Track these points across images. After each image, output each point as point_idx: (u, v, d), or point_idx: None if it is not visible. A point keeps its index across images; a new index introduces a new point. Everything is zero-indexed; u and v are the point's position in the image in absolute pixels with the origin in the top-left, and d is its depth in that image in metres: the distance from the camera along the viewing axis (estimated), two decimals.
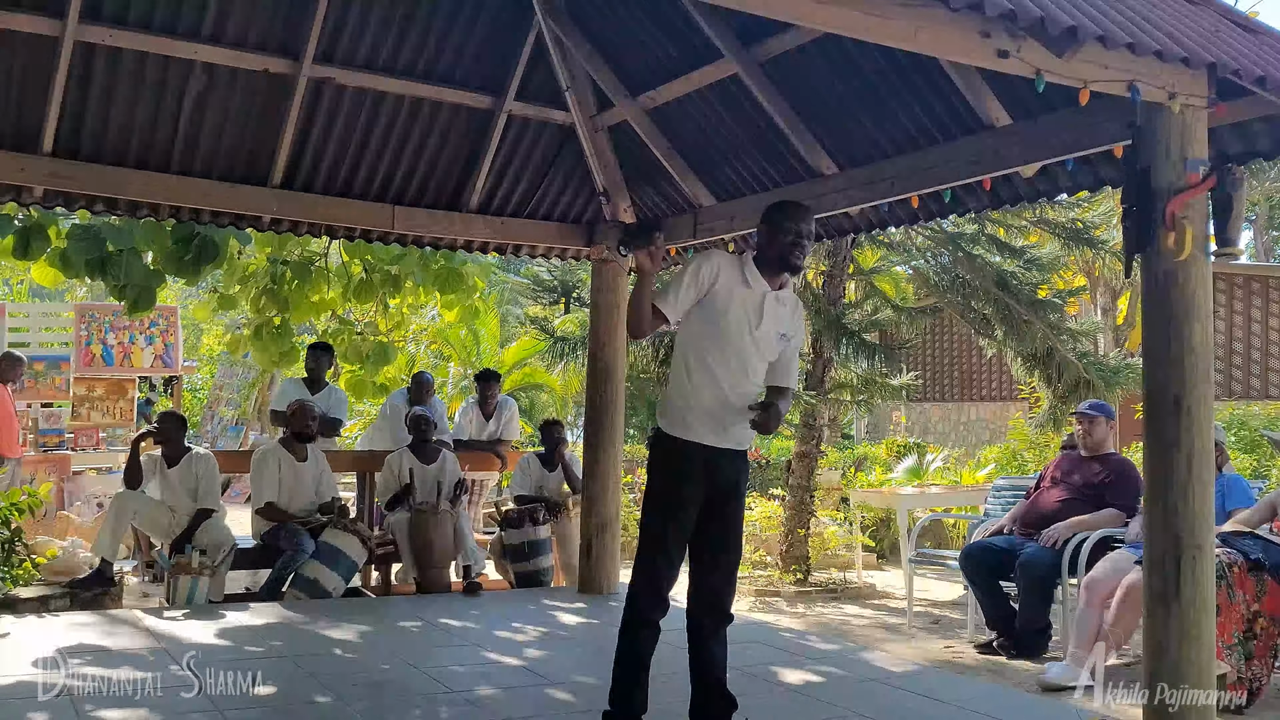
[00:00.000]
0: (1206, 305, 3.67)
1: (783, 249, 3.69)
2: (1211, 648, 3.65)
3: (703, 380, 3.66)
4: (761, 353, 3.72)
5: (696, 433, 3.67)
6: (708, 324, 3.66)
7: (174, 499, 6.53)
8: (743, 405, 3.66)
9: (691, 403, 3.67)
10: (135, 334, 11.03)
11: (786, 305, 3.80)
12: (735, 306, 3.65)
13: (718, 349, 3.65)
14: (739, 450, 3.76)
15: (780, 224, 3.71)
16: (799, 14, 3.46)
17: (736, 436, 3.72)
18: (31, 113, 5.40)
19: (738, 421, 3.68)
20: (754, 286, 3.70)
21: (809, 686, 4.69)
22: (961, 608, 7.28)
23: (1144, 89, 3.56)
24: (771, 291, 3.72)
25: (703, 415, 3.65)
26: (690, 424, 3.67)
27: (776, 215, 3.76)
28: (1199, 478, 3.61)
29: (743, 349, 3.66)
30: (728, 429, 3.68)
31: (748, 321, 3.66)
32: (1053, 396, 8.59)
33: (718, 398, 3.65)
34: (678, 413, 3.70)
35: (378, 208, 6.32)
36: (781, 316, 3.76)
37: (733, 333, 3.64)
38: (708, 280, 3.65)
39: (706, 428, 3.66)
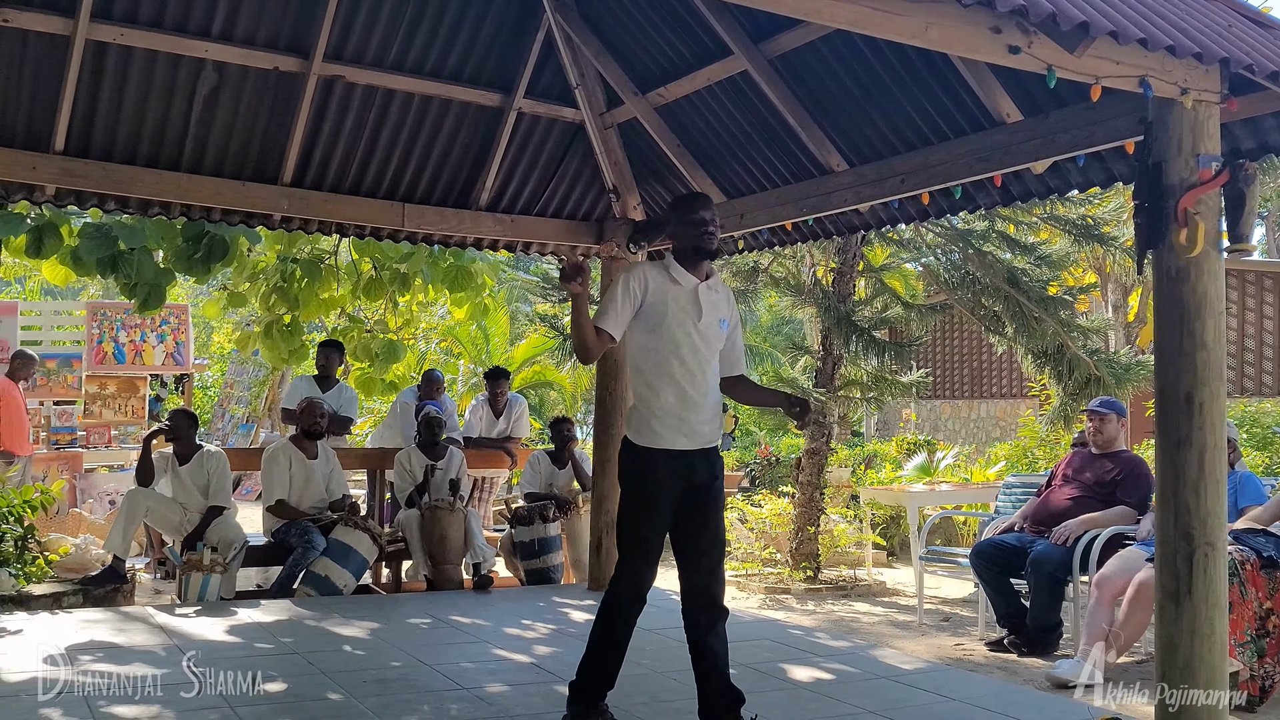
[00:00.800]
0: (1219, 302, 3.66)
1: (696, 239, 3.79)
2: (1223, 645, 3.64)
3: (664, 385, 3.74)
4: (710, 344, 3.81)
5: (667, 439, 3.74)
6: (653, 331, 3.74)
7: (185, 496, 6.56)
8: (705, 402, 3.77)
9: (657, 410, 3.74)
10: (146, 332, 11.07)
11: (719, 292, 3.89)
12: (672, 307, 3.74)
13: (669, 352, 3.74)
14: (711, 448, 3.82)
15: (688, 217, 3.82)
16: (809, 10, 3.45)
17: (706, 435, 3.79)
18: (43, 111, 5.42)
19: (704, 420, 3.77)
20: (683, 283, 3.79)
21: (819, 684, 4.69)
22: (972, 605, 7.27)
23: (1156, 84, 3.54)
24: (701, 283, 3.81)
25: (670, 421, 3.73)
26: (659, 431, 3.74)
27: (683, 209, 3.88)
28: (1211, 475, 3.60)
29: (693, 346, 3.76)
30: (696, 429, 3.76)
31: (689, 317, 3.75)
32: (1063, 394, 8.56)
33: (681, 400, 3.74)
34: (645, 422, 3.77)
35: (387, 205, 6.33)
36: (717, 304, 3.85)
37: (678, 332, 3.73)
38: (639, 290, 3.74)
39: (676, 432, 3.74)
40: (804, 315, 12.35)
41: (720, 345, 3.87)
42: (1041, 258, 8.46)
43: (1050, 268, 8.51)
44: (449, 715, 4.04)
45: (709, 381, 3.81)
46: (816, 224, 5.95)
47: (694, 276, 3.81)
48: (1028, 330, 8.25)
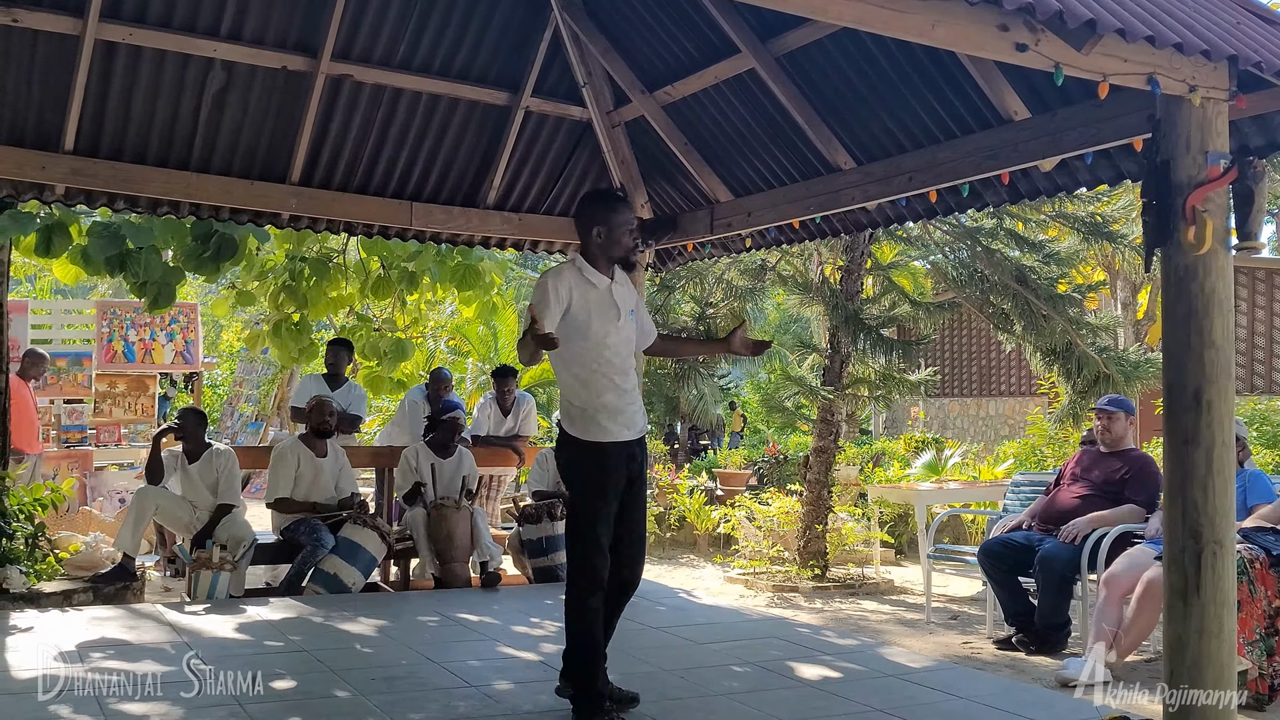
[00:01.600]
0: (1227, 299, 3.65)
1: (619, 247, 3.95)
2: (1232, 644, 3.63)
3: (599, 382, 3.93)
4: (629, 339, 4.04)
5: (611, 432, 3.94)
6: (581, 333, 3.91)
7: (195, 494, 6.58)
8: (635, 393, 4.02)
9: (597, 405, 3.93)
10: (156, 330, 11.11)
11: (625, 285, 4.09)
12: (594, 308, 3.92)
13: (600, 351, 3.92)
14: (643, 436, 4.06)
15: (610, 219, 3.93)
16: (816, 8, 3.46)
17: (640, 424, 4.03)
18: (53, 111, 5.45)
19: (638, 410, 4.03)
20: (598, 284, 3.95)
21: (826, 681, 4.69)
22: (980, 603, 7.26)
23: (1164, 82, 3.54)
24: (612, 282, 3.99)
25: (610, 414, 3.93)
26: (604, 425, 3.93)
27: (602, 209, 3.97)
28: (1219, 473, 3.59)
29: (617, 343, 3.96)
30: (633, 419, 3.99)
31: (610, 317, 3.95)
32: (1072, 392, 8.54)
33: (618, 394, 3.95)
34: (586, 418, 3.95)
35: (395, 204, 6.35)
36: (627, 298, 4.05)
37: (604, 332, 3.92)
38: (565, 293, 3.88)
39: (617, 424, 3.95)
40: (812, 313, 12.33)
41: (633, 335, 4.09)
42: (1050, 255, 8.44)
43: (1059, 265, 8.49)
44: (457, 713, 4.05)
45: (633, 375, 4.04)
46: (824, 222, 5.95)
47: (605, 276, 3.97)
48: (1036, 328, 8.24)
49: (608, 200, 4.10)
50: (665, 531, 10.60)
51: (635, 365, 4.08)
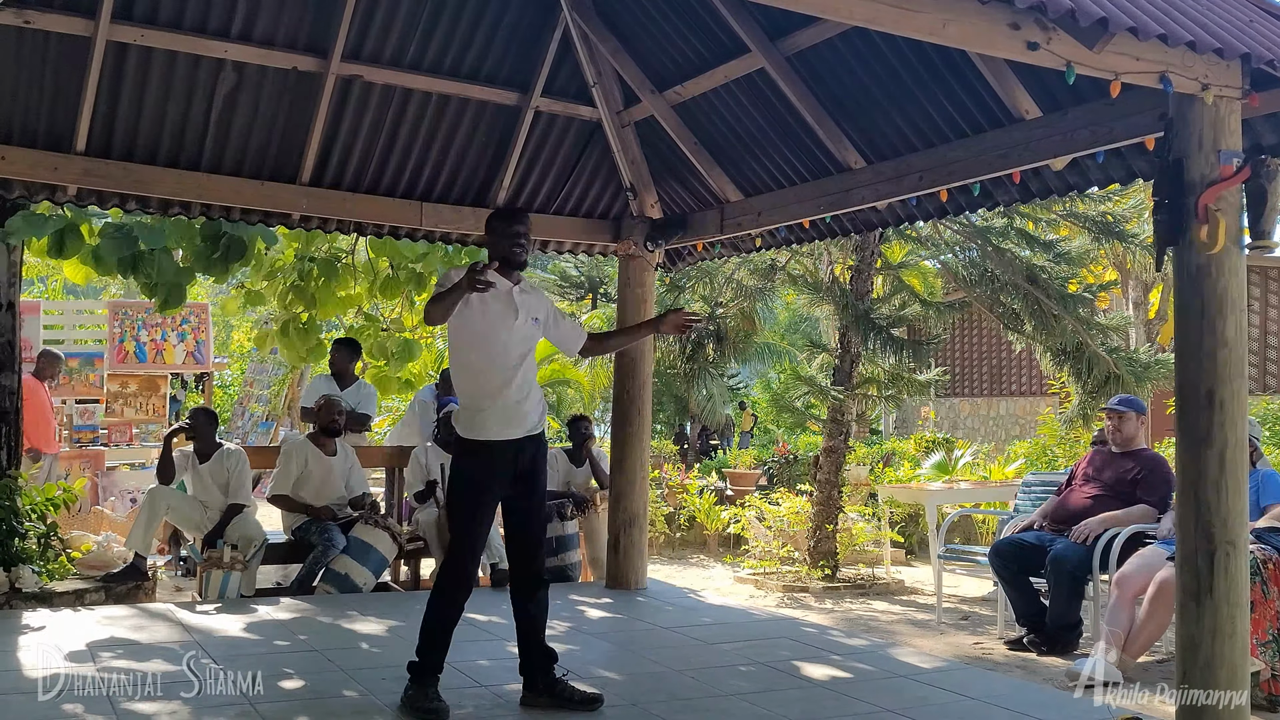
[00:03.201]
0: (1240, 298, 3.63)
1: (508, 250, 4.14)
2: (1245, 644, 3.62)
3: (487, 381, 4.07)
4: (526, 342, 4.16)
5: (495, 431, 4.06)
6: (474, 330, 4.06)
7: (206, 494, 6.60)
8: (527, 393, 4.12)
9: (484, 404, 4.07)
10: (167, 331, 11.15)
11: (531, 294, 4.26)
12: (493, 307, 4.05)
13: (489, 348, 4.07)
14: (536, 434, 4.15)
15: (506, 229, 4.16)
16: (827, 7, 3.45)
17: (529, 423, 4.12)
18: (65, 112, 5.47)
19: (525, 410, 4.11)
20: (501, 285, 4.08)
21: (836, 682, 4.68)
22: (991, 604, 7.24)
23: (1176, 80, 3.52)
24: (514, 286, 4.15)
25: (496, 413, 4.05)
26: (488, 424, 4.06)
27: (503, 222, 4.21)
28: (1232, 473, 3.57)
29: (508, 344, 4.08)
30: (521, 418, 4.09)
31: (506, 318, 4.09)
32: (1083, 392, 8.52)
33: (504, 393, 4.06)
34: (473, 417, 4.09)
35: (405, 204, 6.35)
36: (529, 305, 4.19)
37: (500, 331, 4.06)
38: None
39: (502, 424, 4.06)
40: (821, 313, 12.31)
41: (534, 341, 4.23)
42: (1061, 255, 8.42)
43: (1070, 265, 8.47)
44: (466, 712, 4.06)
45: (527, 375, 4.14)
46: (834, 221, 5.94)
47: (508, 280, 4.13)
48: (1047, 328, 8.21)
49: (506, 212, 4.37)
50: (675, 531, 10.60)
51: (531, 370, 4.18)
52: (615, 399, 6.98)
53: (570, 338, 4.47)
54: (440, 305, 3.94)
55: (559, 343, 4.50)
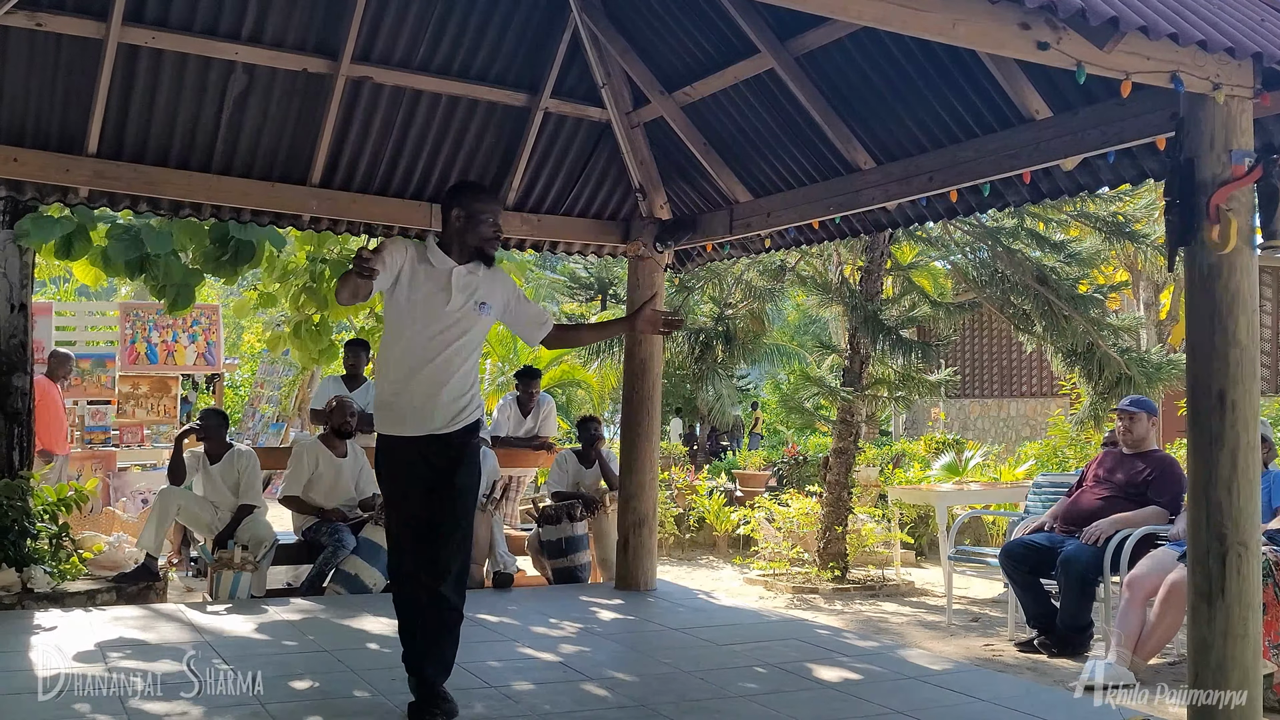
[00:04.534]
0: (1252, 299, 3.62)
1: (480, 239, 3.82)
2: (1257, 647, 3.60)
3: (399, 369, 3.76)
4: (461, 328, 3.79)
5: (411, 426, 3.77)
6: (403, 312, 3.74)
7: (216, 495, 6.62)
8: (452, 387, 3.77)
9: (403, 397, 3.77)
10: (178, 332, 11.19)
11: (478, 274, 3.85)
12: (424, 289, 3.73)
13: (408, 334, 3.74)
14: (456, 431, 3.80)
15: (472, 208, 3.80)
16: (836, 8, 3.45)
17: (452, 419, 3.78)
18: (76, 114, 5.49)
19: (450, 404, 3.77)
20: (438, 265, 3.77)
21: (846, 683, 4.67)
22: (1001, 605, 7.22)
23: (1187, 79, 3.51)
24: (457, 266, 3.80)
25: (412, 409, 3.76)
26: (405, 419, 3.78)
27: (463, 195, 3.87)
28: (1244, 474, 3.56)
29: (432, 331, 3.74)
30: (441, 413, 3.77)
31: (439, 302, 3.74)
32: (1093, 392, 8.48)
33: (427, 384, 3.74)
34: (391, 410, 3.81)
35: (415, 205, 6.36)
36: (473, 286, 3.83)
37: (427, 316, 3.71)
38: (398, 261, 3.71)
39: (419, 419, 3.76)
40: (831, 314, 12.31)
41: (472, 329, 3.85)
42: (1071, 255, 8.39)
43: (1080, 265, 8.44)
44: (476, 713, 4.06)
45: (456, 366, 3.79)
46: (844, 222, 5.93)
47: (450, 260, 3.81)
48: (1057, 329, 8.19)
49: (474, 188, 4.07)
50: (684, 532, 10.59)
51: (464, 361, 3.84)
52: (625, 400, 6.98)
53: (532, 325, 4.12)
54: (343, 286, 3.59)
55: (519, 330, 4.18)
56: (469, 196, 3.90)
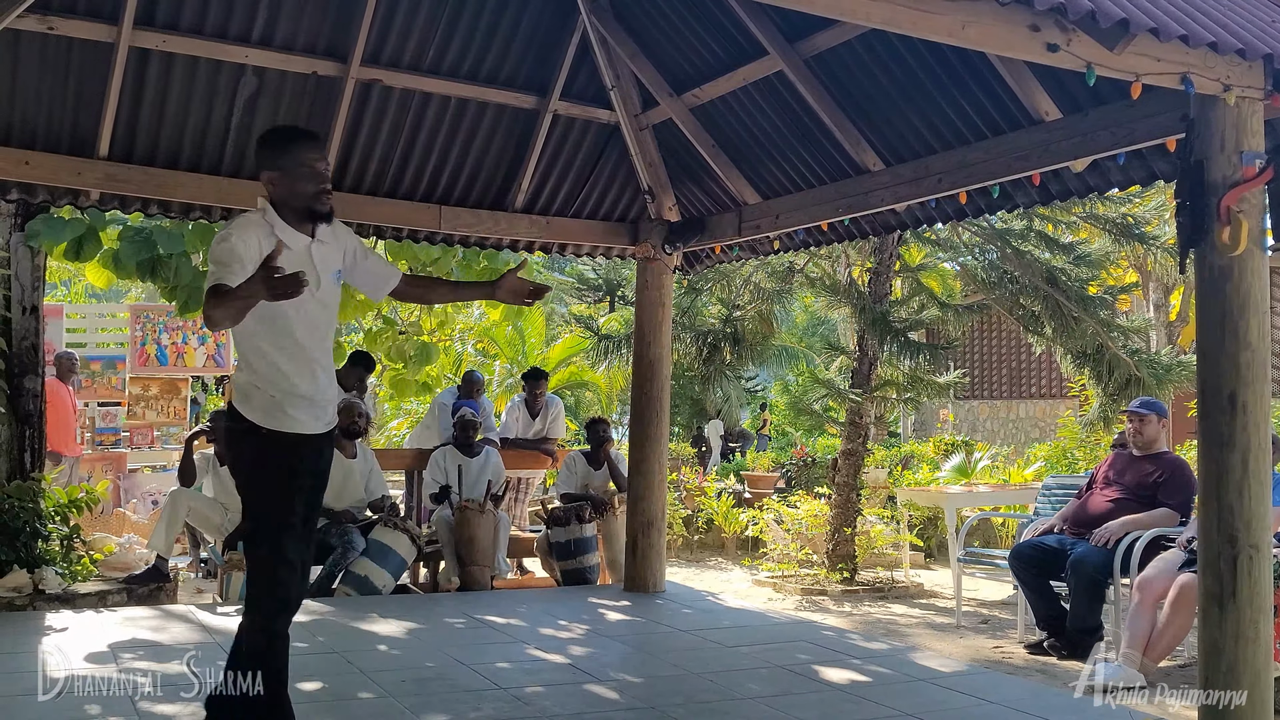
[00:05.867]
0: (1263, 300, 3.61)
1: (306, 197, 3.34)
2: (1269, 649, 3.59)
3: (292, 364, 3.35)
4: (329, 310, 3.49)
5: (299, 422, 3.36)
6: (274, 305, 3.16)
7: (226, 497, 6.63)
8: (331, 380, 3.50)
9: (286, 390, 3.34)
10: (188, 334, 11.21)
11: (328, 242, 3.44)
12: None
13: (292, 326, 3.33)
14: (330, 431, 3.52)
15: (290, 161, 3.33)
16: (845, 10, 3.45)
17: (329, 416, 3.49)
18: (88, 117, 5.51)
19: (331, 400, 3.49)
20: (294, 244, 3.29)
21: (855, 685, 4.67)
22: (1011, 607, 7.20)
23: (1198, 81, 3.50)
24: (312, 241, 3.38)
25: (300, 401, 3.36)
26: (291, 413, 3.35)
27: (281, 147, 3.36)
28: (1255, 476, 3.55)
29: (314, 316, 3.37)
30: (325, 409, 3.46)
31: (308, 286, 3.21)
32: (1103, 394, 8.46)
33: (310, 377, 3.39)
34: (271, 403, 3.33)
35: (424, 208, 6.37)
36: (329, 257, 3.44)
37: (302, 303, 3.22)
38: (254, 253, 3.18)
39: (307, 414, 3.38)
40: (839, 315, 12.30)
41: (336, 300, 3.55)
42: (1081, 257, 8.37)
43: (1090, 267, 8.42)
44: (485, 715, 4.07)
45: (330, 350, 3.52)
46: (853, 224, 5.92)
47: (303, 235, 3.35)
48: (1067, 330, 8.17)
49: (280, 138, 3.46)
50: (693, 534, 10.59)
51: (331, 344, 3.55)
52: (633, 402, 6.99)
53: (379, 278, 3.68)
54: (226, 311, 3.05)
55: (364, 287, 3.76)
56: (277, 149, 3.37)
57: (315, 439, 3.42)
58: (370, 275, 3.68)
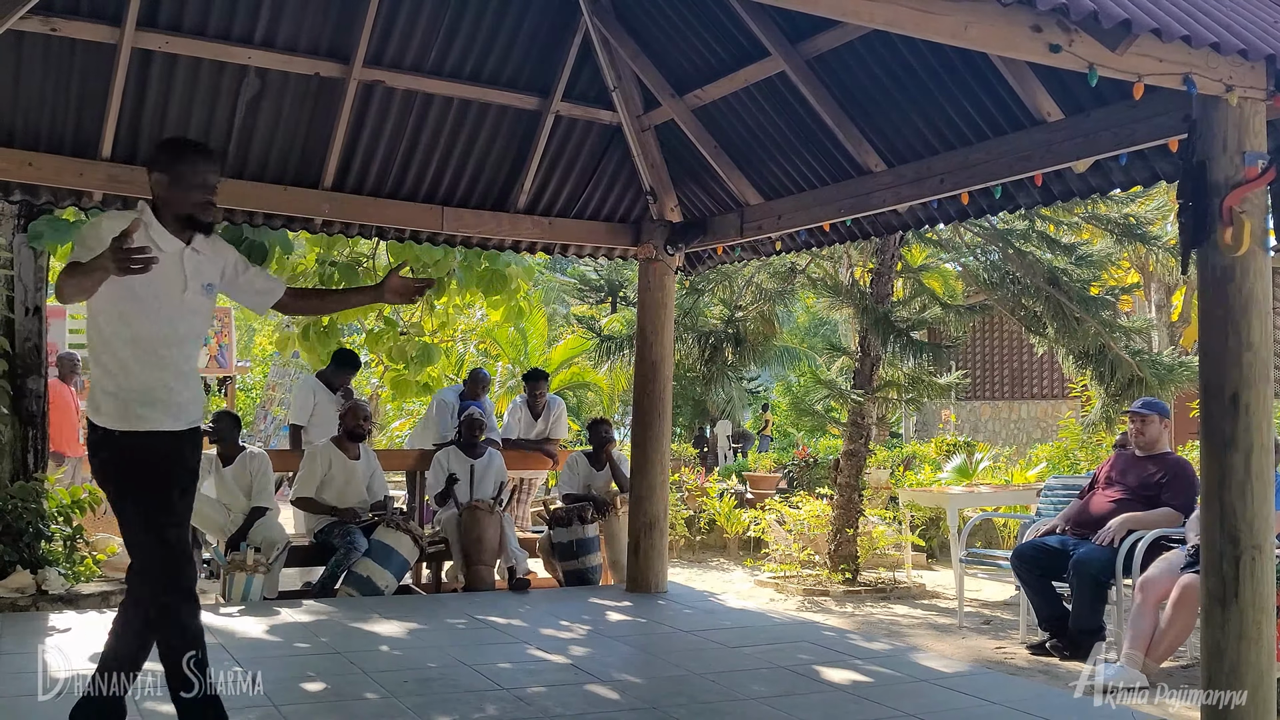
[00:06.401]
0: (1266, 301, 3.61)
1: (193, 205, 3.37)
2: (1271, 650, 3.59)
3: (147, 364, 3.35)
4: (196, 315, 3.49)
5: (156, 421, 3.36)
6: (132, 302, 3.26)
7: (229, 497, 6.65)
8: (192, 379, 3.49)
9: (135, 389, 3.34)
10: None
11: (204, 251, 3.47)
12: (156, 275, 3.19)
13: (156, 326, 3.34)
14: (192, 429, 3.49)
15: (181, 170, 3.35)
16: (846, 11, 3.45)
17: (191, 414, 3.47)
18: (91, 119, 5.52)
19: (191, 399, 3.47)
20: (167, 248, 3.33)
21: (857, 686, 4.67)
22: (1013, 608, 7.20)
23: (1200, 81, 3.50)
24: (186, 247, 3.40)
25: (156, 402, 3.36)
26: (145, 414, 3.34)
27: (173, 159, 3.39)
28: (1258, 476, 3.55)
29: (175, 320, 3.37)
30: (184, 408, 3.44)
31: (175, 288, 3.35)
32: (1105, 395, 8.46)
33: (161, 380, 3.37)
34: (120, 405, 3.33)
35: (427, 209, 6.38)
36: (203, 266, 3.46)
37: (164, 305, 3.30)
38: None
39: (165, 414, 3.38)
40: (842, 316, 12.29)
41: (203, 315, 3.55)
42: (1083, 258, 8.37)
43: (1092, 268, 8.42)
44: (488, 715, 4.07)
45: (192, 357, 3.53)
46: (855, 225, 5.93)
47: (178, 240, 3.38)
48: (1069, 331, 8.17)
49: (176, 145, 3.56)
50: (695, 535, 10.59)
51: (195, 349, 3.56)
52: (635, 402, 6.99)
53: (261, 292, 3.72)
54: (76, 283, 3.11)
55: (246, 299, 3.76)
56: (170, 156, 3.42)
57: (174, 436, 3.40)
58: (252, 289, 3.71)
